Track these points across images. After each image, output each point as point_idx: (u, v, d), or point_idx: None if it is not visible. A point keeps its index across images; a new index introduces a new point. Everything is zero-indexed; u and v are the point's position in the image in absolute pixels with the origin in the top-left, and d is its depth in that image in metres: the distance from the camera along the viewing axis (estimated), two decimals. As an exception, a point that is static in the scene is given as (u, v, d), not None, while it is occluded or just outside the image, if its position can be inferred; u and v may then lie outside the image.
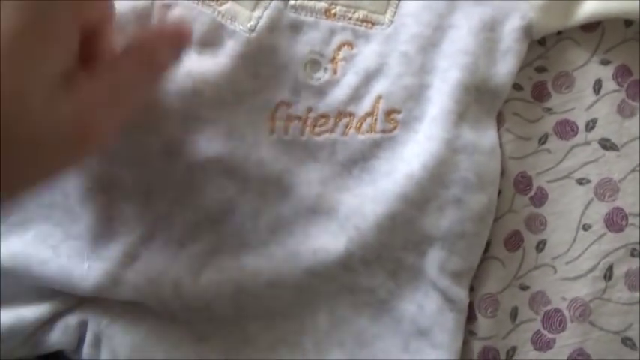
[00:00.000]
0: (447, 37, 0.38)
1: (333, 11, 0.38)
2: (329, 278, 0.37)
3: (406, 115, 0.37)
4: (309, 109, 0.38)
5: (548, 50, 0.39)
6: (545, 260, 0.38)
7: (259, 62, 0.38)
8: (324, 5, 0.38)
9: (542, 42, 0.39)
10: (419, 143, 0.37)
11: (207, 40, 0.37)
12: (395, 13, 0.38)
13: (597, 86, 0.39)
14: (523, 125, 0.39)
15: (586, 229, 0.38)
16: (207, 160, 0.37)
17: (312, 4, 0.38)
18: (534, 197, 0.39)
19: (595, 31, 0.39)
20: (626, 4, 0.37)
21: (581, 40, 0.39)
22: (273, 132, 0.38)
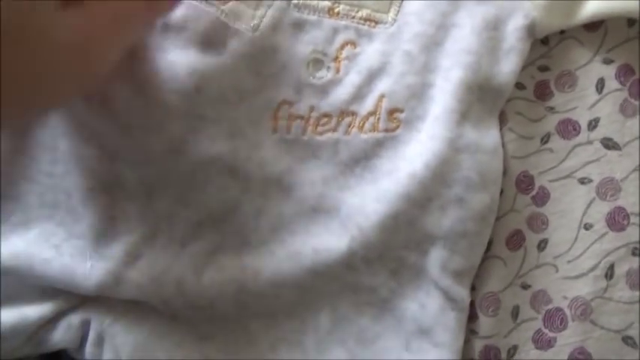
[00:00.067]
0: (450, 36, 0.38)
1: (336, 10, 0.38)
2: (331, 277, 0.37)
3: (409, 114, 0.37)
4: (312, 108, 0.38)
5: (551, 49, 0.39)
6: (547, 259, 0.38)
7: (262, 61, 0.38)
8: (327, 4, 0.38)
9: (545, 41, 0.39)
10: (421, 142, 0.37)
11: (211, 38, 0.37)
12: (398, 11, 0.38)
13: (600, 85, 0.39)
14: (525, 124, 0.39)
15: (588, 228, 0.38)
16: (209, 158, 0.37)
17: (315, 2, 0.38)
18: (536, 196, 0.39)
19: (598, 31, 0.39)
20: (628, 3, 0.37)
21: (584, 39, 0.39)
22: (275, 131, 0.38)
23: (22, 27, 0.26)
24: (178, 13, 0.37)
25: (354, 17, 0.38)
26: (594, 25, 0.39)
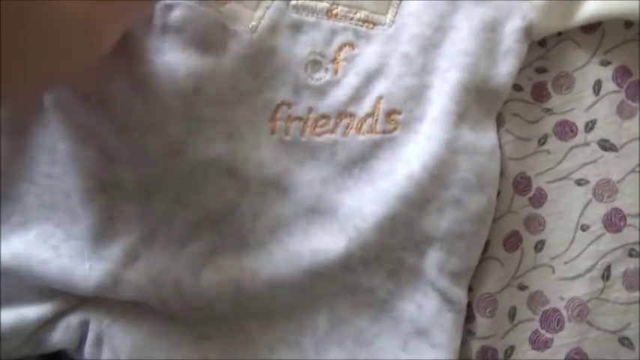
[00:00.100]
0: (448, 38, 0.38)
1: (335, 11, 0.38)
2: (329, 278, 0.37)
3: (406, 115, 0.38)
4: (310, 110, 0.38)
5: (548, 51, 0.39)
6: (544, 260, 0.38)
7: (260, 62, 0.38)
8: (325, 5, 0.38)
9: (542, 43, 0.39)
10: (419, 144, 0.37)
11: (209, 40, 0.37)
12: (396, 13, 0.38)
13: (597, 87, 0.39)
14: (523, 126, 0.39)
15: (584, 229, 0.38)
16: (207, 159, 0.37)
17: (313, 4, 0.38)
18: (533, 198, 0.39)
19: (595, 32, 0.39)
20: (626, 5, 0.37)
21: (581, 41, 0.39)
22: (273, 132, 0.38)
23: (28, 8, 0.27)
24: (177, 15, 0.37)
25: (352, 19, 0.38)
26: (592, 26, 0.39)
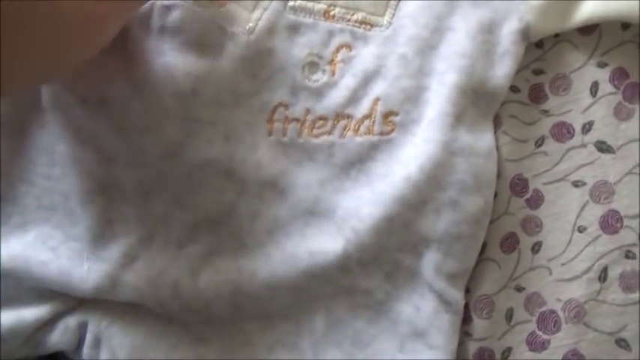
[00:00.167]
0: (445, 40, 0.38)
1: (332, 13, 0.38)
2: (326, 280, 0.37)
3: (403, 117, 0.38)
4: (308, 111, 0.38)
5: (545, 53, 0.39)
6: (541, 262, 0.38)
7: (258, 64, 0.38)
8: (322, 7, 0.38)
9: (539, 44, 0.39)
10: (416, 145, 0.37)
11: (207, 41, 0.37)
12: (393, 14, 0.38)
13: (594, 89, 0.39)
14: (520, 127, 0.39)
15: (581, 231, 0.38)
16: (205, 161, 0.37)
17: (311, 5, 0.38)
18: (530, 199, 0.39)
19: (592, 34, 0.39)
20: (623, 6, 0.37)
21: (578, 42, 0.39)
22: (271, 133, 0.38)
23: (31, 4, 0.28)
24: (175, 16, 0.37)
25: (349, 20, 0.38)
26: (589, 28, 0.39)
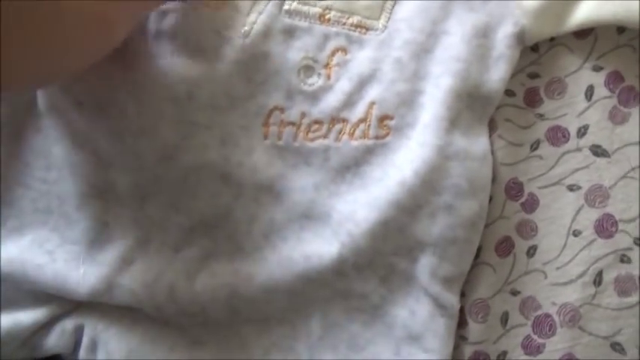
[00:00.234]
0: (440, 44, 0.38)
1: (328, 16, 0.38)
2: (322, 284, 0.37)
3: (399, 121, 0.38)
4: (303, 115, 0.38)
5: (540, 56, 0.39)
6: (536, 266, 0.38)
7: (253, 68, 0.38)
8: (318, 10, 0.38)
9: (534, 48, 0.39)
10: (411, 149, 0.37)
11: (202, 45, 0.37)
12: (389, 18, 0.38)
13: (589, 93, 0.39)
14: (515, 131, 0.39)
15: (576, 235, 0.38)
16: (201, 164, 0.37)
17: (306, 9, 0.38)
18: (525, 203, 0.39)
19: (588, 38, 0.39)
20: (618, 10, 0.37)
21: (573, 46, 0.39)
22: (266, 137, 0.38)
23: (43, 4, 0.29)
24: (171, 20, 0.37)
25: (344, 24, 0.38)
26: (584, 32, 0.39)
